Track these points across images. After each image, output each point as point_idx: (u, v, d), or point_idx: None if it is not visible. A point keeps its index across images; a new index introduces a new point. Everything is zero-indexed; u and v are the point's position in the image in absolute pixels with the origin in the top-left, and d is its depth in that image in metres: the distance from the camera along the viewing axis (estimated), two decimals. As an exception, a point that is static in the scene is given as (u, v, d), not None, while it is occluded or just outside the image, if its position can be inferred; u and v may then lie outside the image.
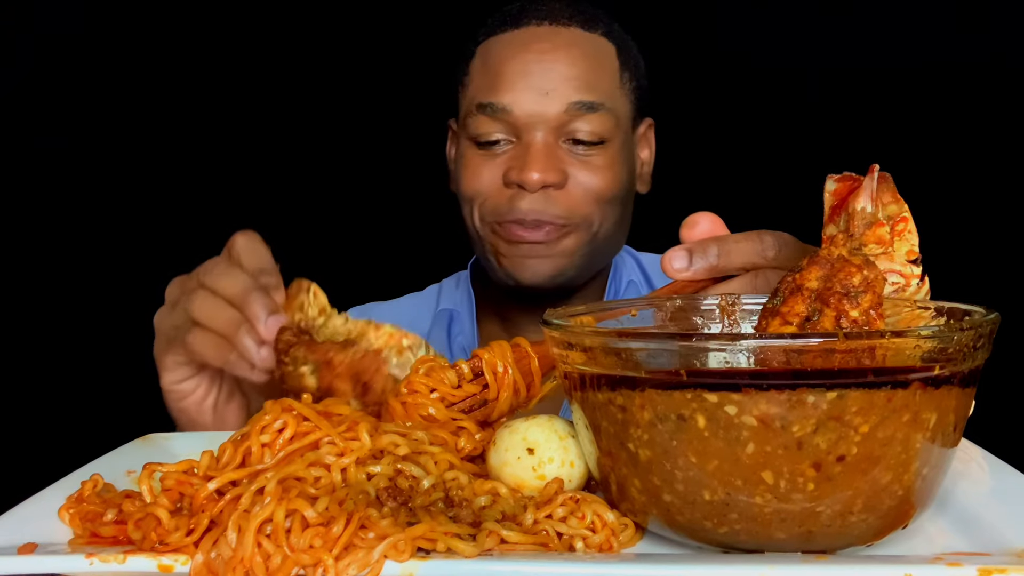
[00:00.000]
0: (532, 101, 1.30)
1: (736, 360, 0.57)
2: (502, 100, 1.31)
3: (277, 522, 0.60)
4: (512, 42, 1.34)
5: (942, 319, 0.68)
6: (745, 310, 0.78)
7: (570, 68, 1.31)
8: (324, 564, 0.58)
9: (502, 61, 1.33)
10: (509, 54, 1.33)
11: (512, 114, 1.30)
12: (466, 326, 1.52)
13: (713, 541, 0.61)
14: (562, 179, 1.30)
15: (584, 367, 0.63)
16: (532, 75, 1.30)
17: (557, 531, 0.64)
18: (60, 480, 0.77)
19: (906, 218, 0.77)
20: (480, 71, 1.36)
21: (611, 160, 1.34)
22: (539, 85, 1.30)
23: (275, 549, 0.59)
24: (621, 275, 1.52)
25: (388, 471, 0.68)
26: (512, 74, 1.31)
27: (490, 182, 1.34)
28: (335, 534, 0.59)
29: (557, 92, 1.30)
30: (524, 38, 1.34)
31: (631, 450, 0.61)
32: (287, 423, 0.70)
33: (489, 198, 1.35)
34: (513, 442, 0.71)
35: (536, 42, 1.33)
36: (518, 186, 1.30)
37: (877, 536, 0.61)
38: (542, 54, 1.31)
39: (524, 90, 1.30)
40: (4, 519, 0.68)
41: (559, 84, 1.30)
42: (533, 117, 1.30)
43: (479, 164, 1.35)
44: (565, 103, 1.30)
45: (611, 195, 1.35)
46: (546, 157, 1.29)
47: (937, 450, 0.60)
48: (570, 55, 1.32)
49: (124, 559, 0.61)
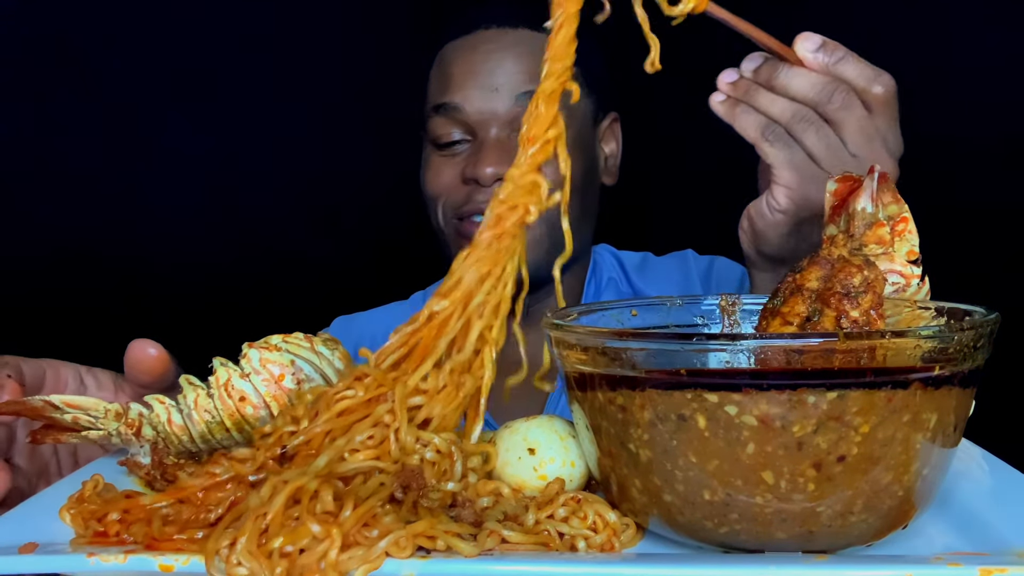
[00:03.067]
0: (481, 99, 1.35)
1: (736, 360, 0.57)
2: (453, 99, 1.36)
3: (306, 491, 0.61)
4: (462, 46, 1.40)
5: (942, 319, 0.68)
6: (745, 310, 0.78)
7: (516, 64, 1.35)
8: (332, 537, 0.58)
9: (453, 63, 1.39)
10: (458, 57, 1.39)
11: (464, 112, 1.36)
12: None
13: (714, 541, 0.61)
14: None
15: (584, 367, 0.63)
16: (480, 74, 1.35)
17: (559, 531, 0.64)
18: (60, 480, 0.77)
19: (906, 218, 0.77)
20: (435, 76, 1.42)
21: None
22: (487, 83, 1.35)
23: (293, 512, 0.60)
24: (601, 272, 1.53)
25: (445, 447, 0.70)
26: (461, 75, 1.37)
27: (449, 180, 1.39)
28: (342, 518, 0.60)
29: (505, 87, 1.35)
30: (473, 42, 1.39)
31: (631, 450, 0.61)
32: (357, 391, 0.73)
33: (450, 196, 1.39)
34: (514, 442, 0.71)
35: (484, 44, 1.38)
36: (474, 181, 1.34)
37: (877, 536, 0.61)
38: (488, 54, 1.37)
39: (473, 88, 1.35)
40: (4, 519, 0.68)
41: (506, 80, 1.35)
42: (484, 114, 1.35)
43: (439, 164, 1.40)
44: (513, 96, 1.34)
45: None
46: (499, 152, 1.33)
47: (937, 450, 0.60)
48: (516, 52, 1.36)
49: (125, 559, 0.61)
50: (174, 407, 0.81)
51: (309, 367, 0.81)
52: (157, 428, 0.80)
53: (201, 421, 0.80)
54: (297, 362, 0.81)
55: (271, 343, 0.82)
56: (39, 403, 0.79)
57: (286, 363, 0.81)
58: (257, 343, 0.82)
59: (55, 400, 0.80)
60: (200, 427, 0.80)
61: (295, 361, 0.81)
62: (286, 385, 0.80)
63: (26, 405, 0.79)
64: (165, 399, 0.82)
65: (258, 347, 0.82)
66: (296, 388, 0.80)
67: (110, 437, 0.81)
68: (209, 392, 0.81)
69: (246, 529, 0.59)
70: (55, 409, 0.80)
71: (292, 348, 0.82)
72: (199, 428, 0.80)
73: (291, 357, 0.81)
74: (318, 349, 0.83)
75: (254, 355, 0.81)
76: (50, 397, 0.80)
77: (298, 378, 0.81)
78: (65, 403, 0.80)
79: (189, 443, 0.81)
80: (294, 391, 0.80)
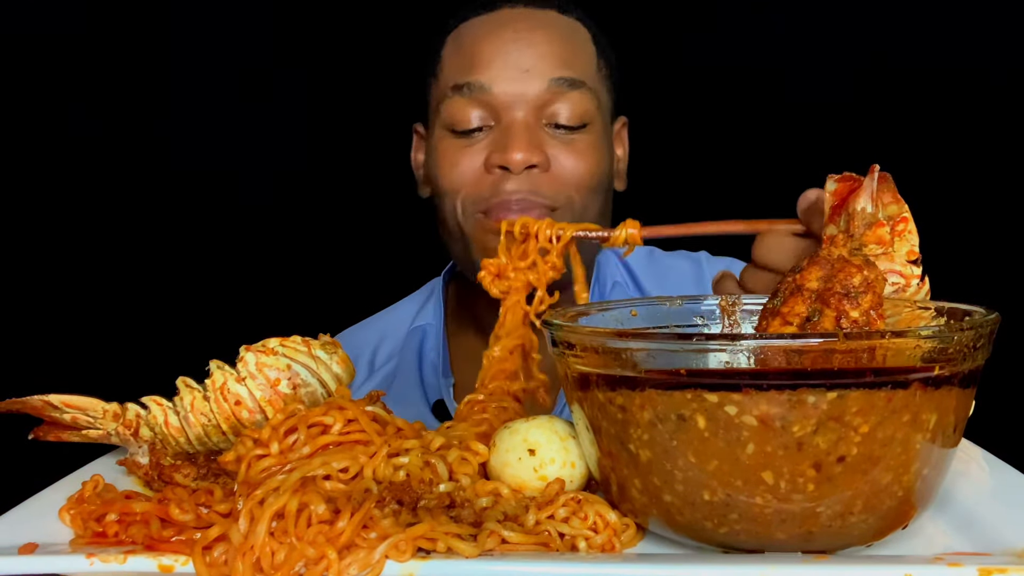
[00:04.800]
0: (512, 79, 1.24)
1: (736, 360, 0.57)
2: (480, 79, 1.24)
3: (289, 512, 0.61)
4: (487, 24, 1.29)
5: (942, 319, 0.68)
6: (745, 310, 0.78)
7: (549, 46, 1.26)
8: (328, 558, 0.58)
9: (477, 41, 1.27)
10: (484, 33, 1.27)
11: (491, 93, 1.24)
12: (436, 343, 1.44)
13: (713, 541, 0.61)
14: (546, 160, 1.24)
15: (584, 367, 0.63)
16: (510, 53, 1.24)
17: (560, 532, 0.64)
18: (60, 480, 0.77)
19: (906, 218, 0.77)
20: (454, 54, 1.30)
21: (593, 143, 1.28)
22: (518, 63, 1.24)
23: (283, 538, 0.60)
24: (605, 277, 1.46)
25: (418, 461, 0.70)
26: (489, 52, 1.25)
27: (471, 170, 1.26)
28: (339, 528, 0.60)
29: (537, 69, 1.24)
30: (500, 19, 1.28)
31: (631, 451, 0.61)
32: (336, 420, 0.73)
33: (471, 187, 1.26)
34: (514, 443, 0.71)
35: (513, 22, 1.27)
36: (500, 168, 1.23)
37: (877, 536, 0.61)
38: (519, 33, 1.26)
39: (503, 68, 1.24)
40: (4, 519, 0.68)
41: (538, 61, 1.24)
42: (513, 96, 1.24)
43: (457, 153, 1.27)
44: (546, 80, 1.24)
45: (595, 180, 1.28)
46: (528, 136, 1.22)
47: (937, 450, 0.60)
48: (548, 34, 1.27)
49: (124, 559, 0.61)
50: (171, 409, 0.81)
51: (306, 372, 0.81)
52: (154, 429, 0.81)
53: (197, 423, 0.80)
54: (294, 367, 0.81)
55: (268, 346, 0.82)
56: (38, 402, 0.80)
57: (282, 367, 0.81)
58: (254, 346, 0.82)
59: (54, 400, 0.80)
60: (196, 429, 0.80)
61: (291, 366, 0.81)
62: (282, 390, 0.80)
63: (25, 403, 0.80)
64: (163, 400, 0.82)
65: (255, 351, 0.82)
66: (292, 393, 0.80)
67: (109, 437, 0.81)
68: (205, 395, 0.81)
69: (238, 573, 0.59)
70: (54, 408, 0.80)
71: (289, 352, 0.82)
72: (195, 430, 0.80)
73: (288, 361, 0.81)
74: (315, 353, 0.83)
75: (251, 359, 0.81)
76: (48, 397, 0.80)
77: (294, 383, 0.81)
78: (64, 402, 0.80)
79: (186, 444, 0.81)
80: (290, 396, 0.80)
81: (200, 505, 0.66)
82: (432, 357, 1.42)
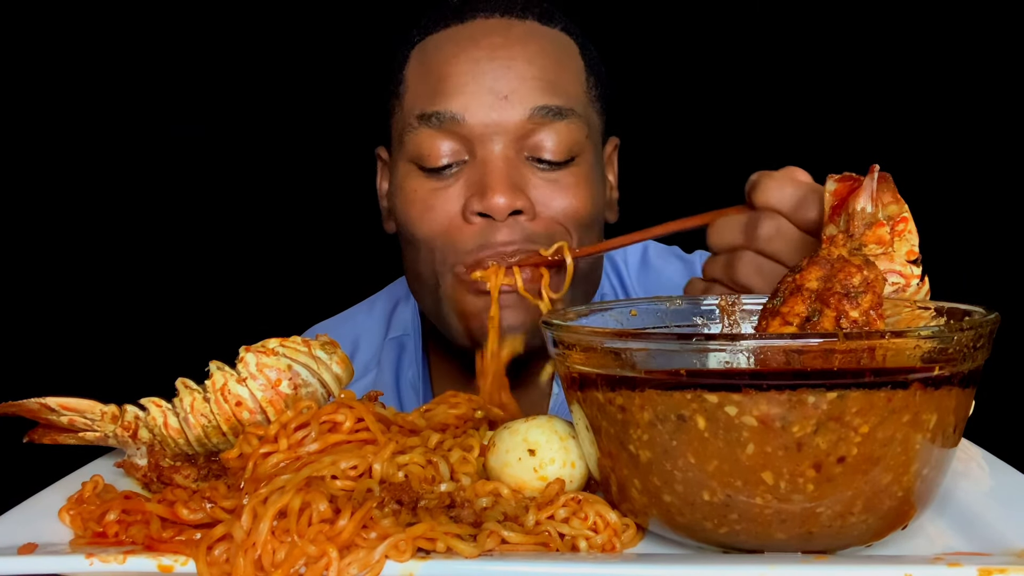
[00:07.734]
0: (487, 107, 1.05)
1: (736, 360, 0.57)
2: (450, 108, 1.06)
3: (291, 510, 0.61)
4: (457, 38, 1.09)
5: (942, 319, 0.68)
6: (745, 310, 0.78)
7: (530, 66, 1.07)
8: (328, 557, 0.58)
9: (446, 61, 1.08)
10: (454, 52, 1.08)
11: (463, 124, 1.05)
12: (414, 358, 1.32)
13: (713, 541, 0.61)
14: (531, 206, 1.07)
15: (584, 367, 0.63)
16: (485, 75, 1.06)
17: (560, 532, 0.64)
18: (60, 480, 0.77)
19: (906, 218, 0.77)
20: (419, 76, 1.10)
21: (584, 177, 1.11)
22: (494, 88, 1.05)
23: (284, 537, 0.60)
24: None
25: (420, 460, 0.70)
26: (460, 75, 1.06)
27: (446, 217, 1.08)
28: (339, 527, 0.60)
29: (517, 95, 1.06)
30: (471, 33, 1.09)
31: (631, 451, 0.61)
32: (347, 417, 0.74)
33: (449, 237, 1.08)
34: (514, 443, 0.71)
35: (487, 36, 1.08)
36: (480, 216, 1.06)
37: (877, 536, 0.61)
38: (495, 51, 1.07)
39: (476, 94, 1.05)
40: (4, 519, 0.68)
41: (519, 85, 1.06)
42: (490, 127, 1.05)
43: (429, 196, 1.08)
44: (527, 109, 1.06)
45: (589, 218, 1.11)
46: (508, 174, 1.05)
47: (937, 450, 0.60)
48: (528, 51, 1.08)
49: (124, 559, 0.61)
50: (170, 410, 0.81)
51: (306, 372, 0.81)
52: (153, 431, 0.80)
53: (197, 425, 0.80)
54: (294, 367, 0.81)
55: (268, 347, 0.82)
56: (34, 405, 0.80)
57: (283, 368, 0.81)
58: (254, 347, 0.82)
59: (50, 402, 0.80)
60: (196, 431, 0.80)
61: (292, 366, 0.81)
62: (283, 390, 0.80)
63: (22, 406, 0.79)
64: (162, 402, 0.82)
65: (255, 351, 0.82)
66: (293, 393, 0.80)
67: (106, 439, 0.81)
68: (205, 396, 0.81)
69: (239, 569, 0.59)
70: (50, 411, 0.80)
71: (289, 353, 0.82)
72: (195, 432, 0.80)
73: (288, 362, 0.81)
74: (315, 354, 0.83)
75: (251, 359, 0.81)
76: (45, 399, 0.80)
77: (295, 383, 0.81)
78: (60, 405, 0.80)
79: (185, 446, 0.81)
80: (291, 396, 0.80)
81: (204, 499, 0.66)
82: (410, 375, 1.32)
